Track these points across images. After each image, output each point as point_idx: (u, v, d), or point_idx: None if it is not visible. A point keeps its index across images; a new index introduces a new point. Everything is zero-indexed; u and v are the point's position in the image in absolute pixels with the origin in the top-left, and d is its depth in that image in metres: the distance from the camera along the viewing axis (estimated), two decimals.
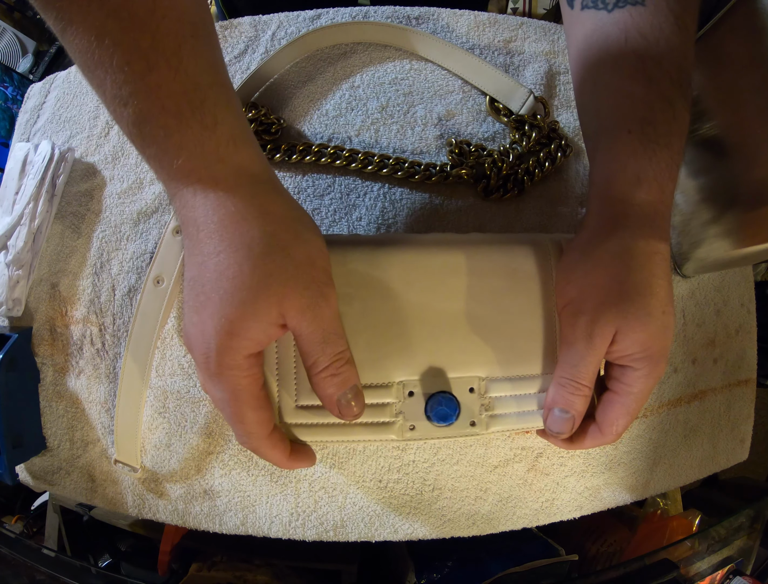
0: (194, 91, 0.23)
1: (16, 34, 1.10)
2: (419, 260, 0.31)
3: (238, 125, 0.25)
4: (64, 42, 0.23)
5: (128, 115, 0.23)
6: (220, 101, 0.24)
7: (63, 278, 0.41)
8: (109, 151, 0.43)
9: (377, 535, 0.39)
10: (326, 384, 0.27)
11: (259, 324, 0.24)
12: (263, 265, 0.24)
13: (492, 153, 0.41)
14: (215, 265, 0.24)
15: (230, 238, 0.24)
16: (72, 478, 0.41)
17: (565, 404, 0.28)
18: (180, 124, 0.23)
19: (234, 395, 0.25)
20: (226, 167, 0.24)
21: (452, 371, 0.30)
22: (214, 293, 0.24)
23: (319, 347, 0.26)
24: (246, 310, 0.24)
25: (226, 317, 0.24)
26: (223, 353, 0.24)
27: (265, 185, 0.26)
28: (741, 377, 0.45)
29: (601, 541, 0.53)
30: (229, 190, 0.24)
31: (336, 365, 0.27)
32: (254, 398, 0.26)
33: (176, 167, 0.24)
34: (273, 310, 0.24)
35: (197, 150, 0.24)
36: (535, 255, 0.32)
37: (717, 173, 0.38)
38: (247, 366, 0.25)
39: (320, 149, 0.40)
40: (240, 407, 0.25)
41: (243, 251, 0.24)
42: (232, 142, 0.24)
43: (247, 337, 0.24)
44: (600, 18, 0.30)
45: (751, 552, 0.48)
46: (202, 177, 0.24)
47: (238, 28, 0.44)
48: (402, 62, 0.43)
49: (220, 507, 0.39)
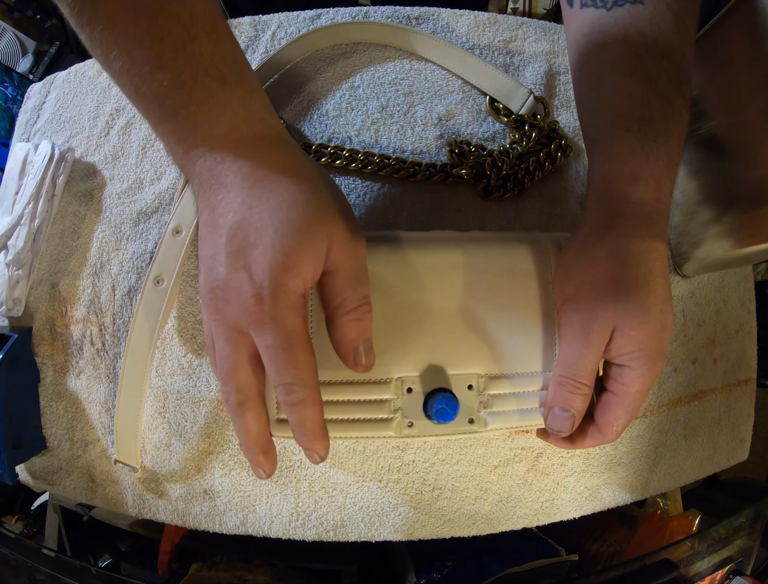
0: (233, 61, 0.25)
1: (16, 34, 1.10)
2: (418, 257, 0.31)
3: (267, 98, 0.28)
4: (87, 17, 0.23)
5: (160, 80, 0.24)
6: (252, 75, 0.27)
7: (63, 278, 0.41)
8: (109, 151, 0.43)
9: (377, 535, 0.39)
10: (350, 328, 0.27)
11: (311, 258, 0.25)
12: (315, 199, 0.25)
13: (492, 153, 0.40)
14: (267, 202, 0.24)
15: (280, 180, 0.25)
16: (72, 478, 0.41)
17: (564, 402, 0.28)
18: (224, 87, 0.25)
19: (288, 338, 0.24)
20: (266, 128, 0.26)
21: (451, 368, 0.30)
22: (267, 229, 0.24)
23: (351, 285, 0.26)
24: (303, 240, 0.24)
25: (282, 251, 0.24)
26: (279, 291, 0.24)
27: (297, 147, 0.28)
28: (741, 377, 0.45)
29: (601, 541, 0.53)
30: (272, 146, 0.26)
31: (362, 309, 0.27)
32: (308, 341, 0.25)
33: (217, 126, 0.25)
34: (324, 241, 0.25)
35: (241, 110, 0.25)
36: (534, 253, 0.32)
37: (717, 173, 0.38)
38: (301, 305, 0.25)
39: (320, 149, 0.40)
40: (295, 351, 0.25)
41: (294, 187, 0.25)
42: (267, 109, 0.27)
43: (301, 272, 0.24)
44: (599, 16, 0.30)
45: (751, 552, 0.48)
46: (244, 135, 0.25)
47: (238, 28, 0.44)
48: (402, 62, 0.43)
49: (220, 507, 0.39)
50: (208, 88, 0.24)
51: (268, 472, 0.28)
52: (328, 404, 0.29)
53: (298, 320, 0.25)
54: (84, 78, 0.46)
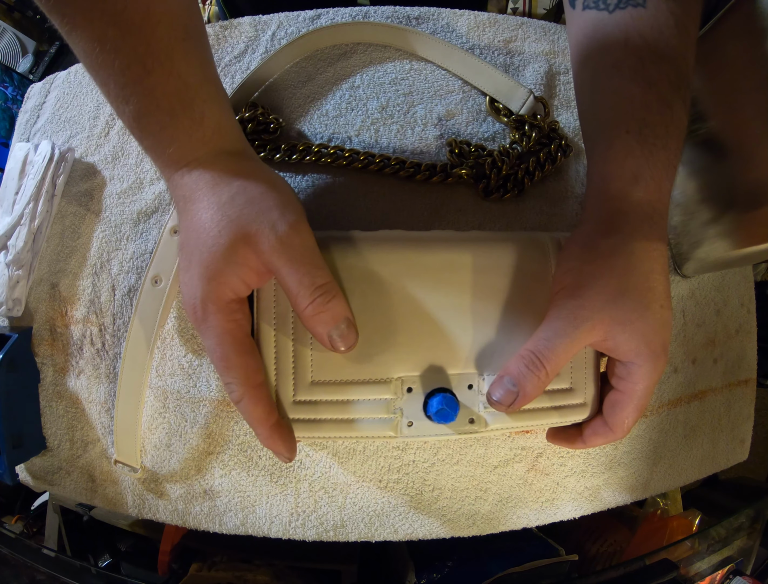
0: (185, 90, 0.26)
1: (16, 34, 1.10)
2: (419, 256, 0.31)
3: (224, 116, 0.29)
4: (70, 43, 0.26)
5: (129, 111, 0.26)
6: (209, 97, 0.28)
7: (63, 278, 0.41)
8: (109, 151, 0.43)
9: (377, 535, 0.39)
10: (313, 323, 0.27)
11: (234, 268, 0.26)
12: (233, 213, 0.26)
13: (492, 153, 0.41)
14: (196, 225, 0.27)
15: (207, 199, 0.27)
16: (72, 478, 0.41)
17: (517, 376, 0.27)
18: (173, 120, 0.27)
19: (219, 340, 0.26)
20: (210, 151, 0.28)
21: (451, 367, 0.30)
22: (196, 249, 0.27)
23: (297, 282, 0.26)
24: (220, 254, 0.26)
25: (205, 265, 0.26)
26: (206, 300, 0.26)
27: (241, 156, 0.29)
28: (741, 377, 0.45)
29: (601, 541, 0.53)
30: (209, 164, 0.28)
31: (319, 301, 0.26)
32: (239, 343, 0.27)
33: (168, 155, 0.27)
34: (245, 252, 0.26)
35: (186, 140, 0.27)
36: (534, 252, 0.32)
37: (716, 173, 0.38)
38: (229, 311, 0.27)
39: (320, 149, 0.40)
40: (225, 351, 0.26)
41: (216, 206, 0.27)
42: (217, 132, 0.28)
43: (224, 281, 0.26)
44: (601, 19, 0.30)
45: (751, 552, 0.48)
46: (190, 161, 0.28)
47: (238, 28, 0.44)
48: (402, 62, 0.43)
49: (220, 507, 0.39)
50: (159, 123, 0.27)
51: (287, 455, 0.29)
52: (328, 404, 0.29)
53: (229, 324, 0.27)
54: (84, 78, 0.46)
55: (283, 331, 0.29)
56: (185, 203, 0.28)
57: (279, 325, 0.29)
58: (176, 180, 0.28)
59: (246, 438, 0.38)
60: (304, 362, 0.29)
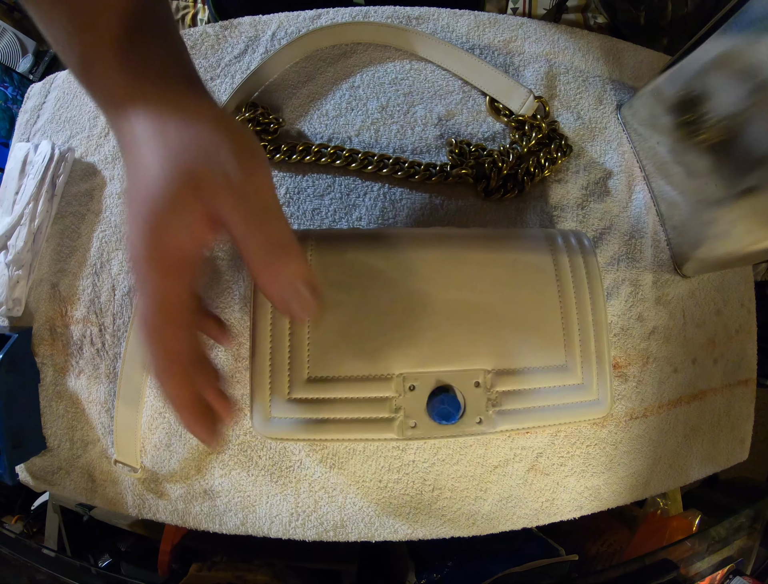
0: None
1: (16, 34, 1.10)
2: (419, 251, 0.30)
3: (170, 56, 0.26)
4: None
5: (74, 53, 0.25)
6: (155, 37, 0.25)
7: (63, 278, 0.41)
8: (109, 151, 0.43)
9: (377, 535, 0.39)
10: (266, 281, 0.24)
11: (180, 220, 0.23)
12: (182, 160, 0.23)
13: (492, 153, 0.41)
14: (141, 175, 0.23)
15: (154, 143, 0.24)
16: (72, 478, 0.41)
17: None
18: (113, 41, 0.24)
19: (153, 302, 0.23)
20: (157, 82, 0.25)
21: (456, 363, 0.29)
22: (141, 200, 0.23)
23: (249, 235, 0.23)
24: (166, 205, 0.23)
25: (149, 218, 0.23)
26: (149, 256, 0.23)
27: (193, 91, 0.26)
28: (741, 377, 0.45)
29: (601, 541, 0.53)
30: (155, 104, 0.24)
31: (274, 257, 0.23)
32: (176, 313, 0.23)
33: (109, 88, 0.25)
34: (194, 203, 0.23)
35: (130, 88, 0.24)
36: (533, 246, 0.31)
37: (717, 173, 0.38)
38: (171, 273, 0.23)
39: (320, 149, 0.40)
40: (156, 318, 0.23)
41: (163, 151, 0.23)
42: (163, 61, 0.25)
43: (169, 235, 0.23)
44: None
45: (751, 552, 0.48)
46: (135, 99, 0.24)
47: (238, 28, 0.44)
48: (402, 62, 0.43)
49: (220, 507, 0.39)
50: (105, 64, 0.25)
51: (207, 438, 0.25)
52: (326, 403, 0.28)
53: (166, 290, 0.23)
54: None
55: (280, 325, 0.29)
56: (129, 149, 0.24)
57: (275, 318, 0.29)
58: (120, 125, 0.25)
59: (246, 437, 0.38)
60: (301, 357, 0.28)
